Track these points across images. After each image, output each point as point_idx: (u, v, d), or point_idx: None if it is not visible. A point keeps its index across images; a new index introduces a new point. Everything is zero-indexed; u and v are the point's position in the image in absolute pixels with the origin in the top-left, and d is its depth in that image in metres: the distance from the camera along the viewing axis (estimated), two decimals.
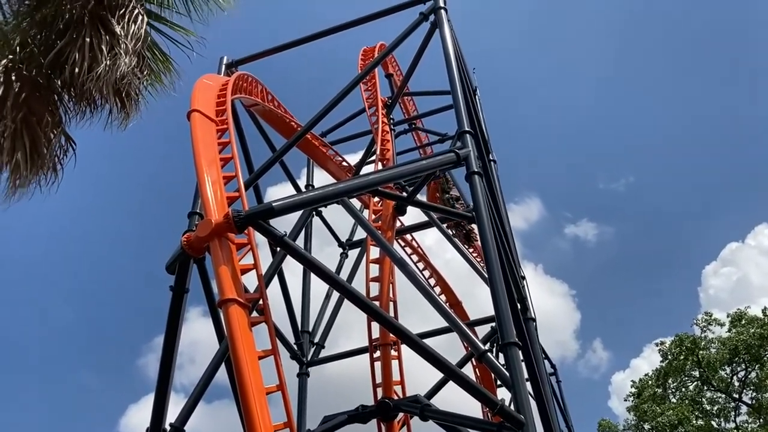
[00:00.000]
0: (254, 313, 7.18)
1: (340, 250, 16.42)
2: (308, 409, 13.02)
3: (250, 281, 7.68)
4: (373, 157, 13.94)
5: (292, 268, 15.96)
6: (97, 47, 6.99)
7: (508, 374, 7.60)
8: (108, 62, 6.94)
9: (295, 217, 13.76)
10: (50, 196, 7.61)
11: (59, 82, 7.43)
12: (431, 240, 20.63)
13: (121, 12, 7.26)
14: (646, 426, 23.99)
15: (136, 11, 7.33)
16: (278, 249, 10.93)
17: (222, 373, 8.58)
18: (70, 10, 7.10)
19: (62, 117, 7.71)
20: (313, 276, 14.41)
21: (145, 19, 7.43)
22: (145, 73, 7.62)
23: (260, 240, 8.02)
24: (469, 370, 15.21)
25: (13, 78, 7.23)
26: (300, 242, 13.96)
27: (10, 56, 7.27)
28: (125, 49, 7.07)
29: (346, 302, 14.00)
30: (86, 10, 7.11)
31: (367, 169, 15.28)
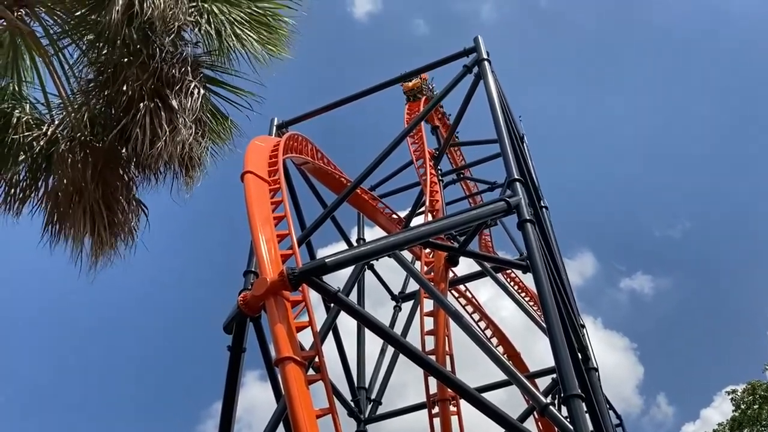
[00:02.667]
0: (311, 371, 7.15)
1: (393, 304, 16.35)
2: None
3: (306, 339, 7.71)
4: (423, 209, 13.97)
5: (347, 326, 15.92)
6: (157, 123, 7.31)
7: (572, 428, 7.33)
8: (168, 136, 7.23)
9: (347, 273, 13.83)
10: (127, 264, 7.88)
11: (125, 153, 7.77)
12: (485, 296, 20.45)
13: (179, 87, 7.58)
14: None
15: (193, 84, 7.65)
16: (332, 305, 10.95)
17: None
18: (132, 87, 7.47)
19: (131, 184, 8.03)
20: (367, 332, 14.37)
21: (201, 91, 7.74)
22: (206, 138, 7.90)
23: (314, 297, 8.08)
24: (531, 425, 14.70)
25: (88, 152, 7.62)
26: (353, 298, 13.98)
27: (86, 130, 7.68)
28: (183, 123, 7.37)
29: (402, 359, 13.87)
30: (146, 87, 7.47)
31: (417, 220, 15.30)
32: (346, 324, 14.52)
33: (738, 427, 23.64)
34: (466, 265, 16.55)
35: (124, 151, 7.73)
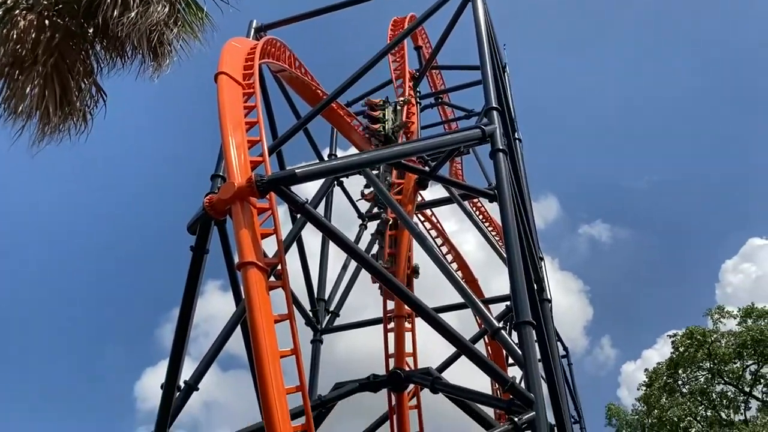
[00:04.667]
0: (272, 278, 7.23)
1: (359, 223, 16.43)
2: (319, 380, 13.16)
3: (270, 247, 7.75)
4: None
5: (310, 246, 16.00)
6: None
7: (520, 353, 7.62)
8: (140, 10, 6.93)
9: (316, 187, 13.81)
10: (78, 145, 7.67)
11: (92, 30, 7.43)
12: (449, 229, 20.69)
13: None
14: (654, 416, 24.02)
15: None
16: (298, 216, 10.98)
17: (239, 343, 8.66)
18: None
19: (94, 67, 7.74)
20: (331, 247, 14.50)
21: None
22: (178, 25, 7.59)
23: (281, 213, 8.07)
24: (481, 348, 15.24)
25: (47, 24, 7.24)
26: (320, 212, 14.01)
27: (45, 2, 7.28)
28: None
29: (363, 281, 14.11)
30: None
31: None
32: (310, 244, 14.61)
33: (674, 367, 24.91)
34: (434, 194, 16.67)
35: (91, 30, 7.39)
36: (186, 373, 8.50)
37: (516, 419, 6.95)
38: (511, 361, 16.90)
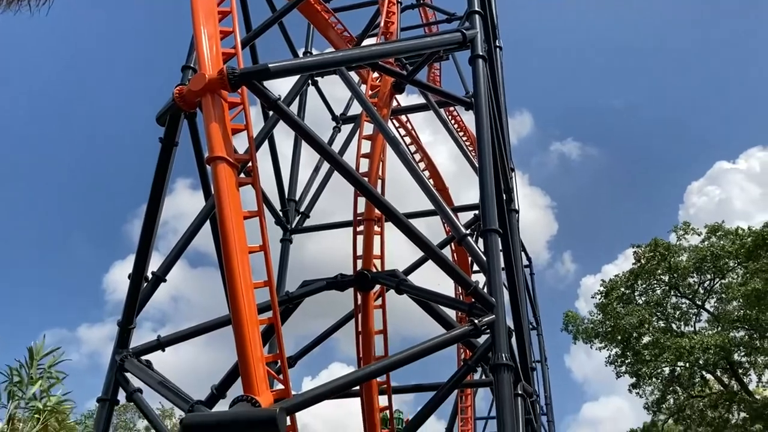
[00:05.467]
0: (242, 175, 7.17)
1: (333, 125, 16.25)
2: (289, 283, 13.38)
3: (241, 145, 7.64)
4: (377, 30, 13.46)
5: (282, 148, 15.80)
6: None
7: (485, 259, 7.80)
8: None
9: (290, 84, 13.50)
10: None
11: None
12: (423, 140, 20.55)
13: None
14: (610, 323, 25.09)
15: None
16: (271, 114, 10.78)
17: (208, 241, 8.66)
18: None
19: None
20: (303, 149, 14.36)
21: None
22: None
23: (252, 112, 7.87)
24: (447, 255, 15.56)
25: None
26: (293, 110, 13.76)
27: None
28: None
29: (333, 185, 14.11)
30: None
31: (369, 42, 14.81)
32: (282, 146, 14.42)
33: (634, 278, 25.82)
34: (410, 102, 16.44)
35: None
36: (155, 267, 8.55)
37: (476, 321, 7.18)
38: (475, 268, 17.37)
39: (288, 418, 5.92)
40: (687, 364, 22.76)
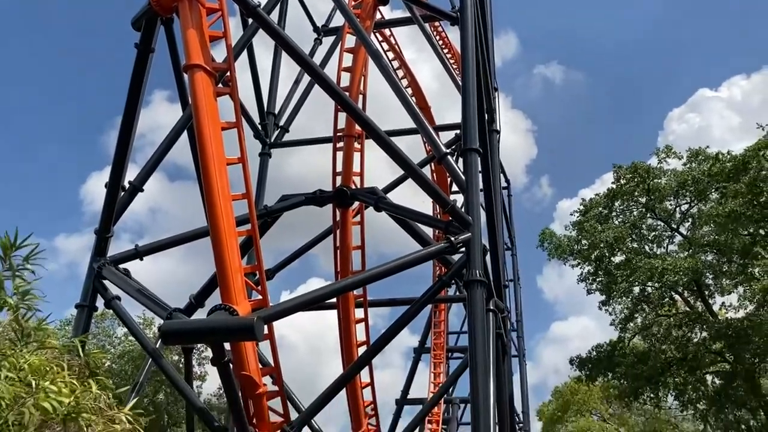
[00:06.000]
0: (220, 85, 7.02)
1: (314, 37, 15.79)
2: (268, 199, 13.30)
3: (218, 54, 7.43)
4: None
5: (261, 63, 15.36)
6: None
7: (464, 178, 7.83)
8: None
9: None
10: None
11: None
12: (407, 57, 20.00)
13: None
14: (585, 242, 25.49)
15: None
16: (250, 22, 10.44)
17: (186, 154, 8.55)
18: None
19: None
20: (283, 61, 13.98)
21: None
22: None
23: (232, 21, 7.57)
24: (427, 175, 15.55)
25: None
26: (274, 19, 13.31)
27: None
28: None
29: (313, 101, 13.86)
30: None
31: None
32: (261, 60, 13.97)
33: (612, 198, 26.09)
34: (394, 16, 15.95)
35: None
36: (133, 178, 8.46)
37: (453, 239, 7.29)
38: (454, 189, 17.46)
39: (265, 327, 6.05)
40: (658, 285, 23.41)
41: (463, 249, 7.36)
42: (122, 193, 8.18)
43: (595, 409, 38.26)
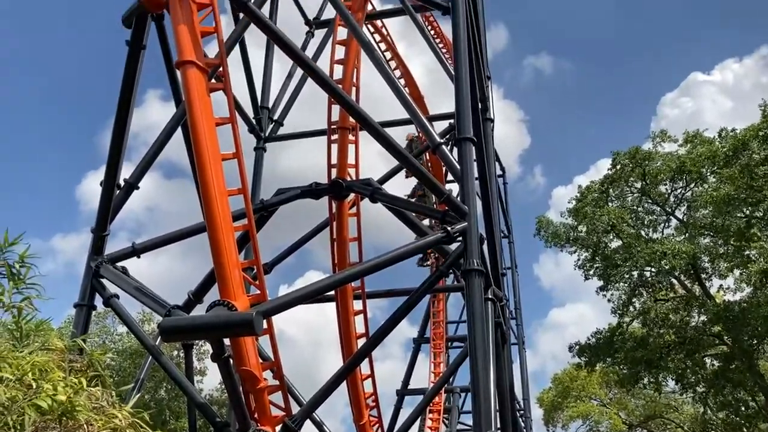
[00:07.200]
0: (213, 81, 7.00)
1: (306, 30, 15.72)
2: (263, 193, 13.25)
3: (210, 49, 7.40)
4: None
5: (255, 52, 15.30)
6: None
7: (459, 167, 7.83)
8: None
9: None
10: None
11: None
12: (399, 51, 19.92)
13: None
14: (582, 228, 25.57)
15: None
16: (241, 16, 10.39)
17: (181, 151, 8.50)
18: None
19: None
20: (275, 55, 13.94)
21: None
22: None
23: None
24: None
25: None
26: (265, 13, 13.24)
27: None
28: None
29: (307, 94, 13.82)
30: None
31: None
32: (254, 55, 13.90)
33: (609, 183, 26.15)
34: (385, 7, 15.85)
35: None
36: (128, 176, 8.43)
37: (449, 228, 7.30)
38: (449, 178, 17.46)
39: (264, 321, 6.06)
40: (656, 269, 23.50)
41: (460, 238, 7.37)
42: (118, 191, 8.17)
43: (594, 394, 38.48)
